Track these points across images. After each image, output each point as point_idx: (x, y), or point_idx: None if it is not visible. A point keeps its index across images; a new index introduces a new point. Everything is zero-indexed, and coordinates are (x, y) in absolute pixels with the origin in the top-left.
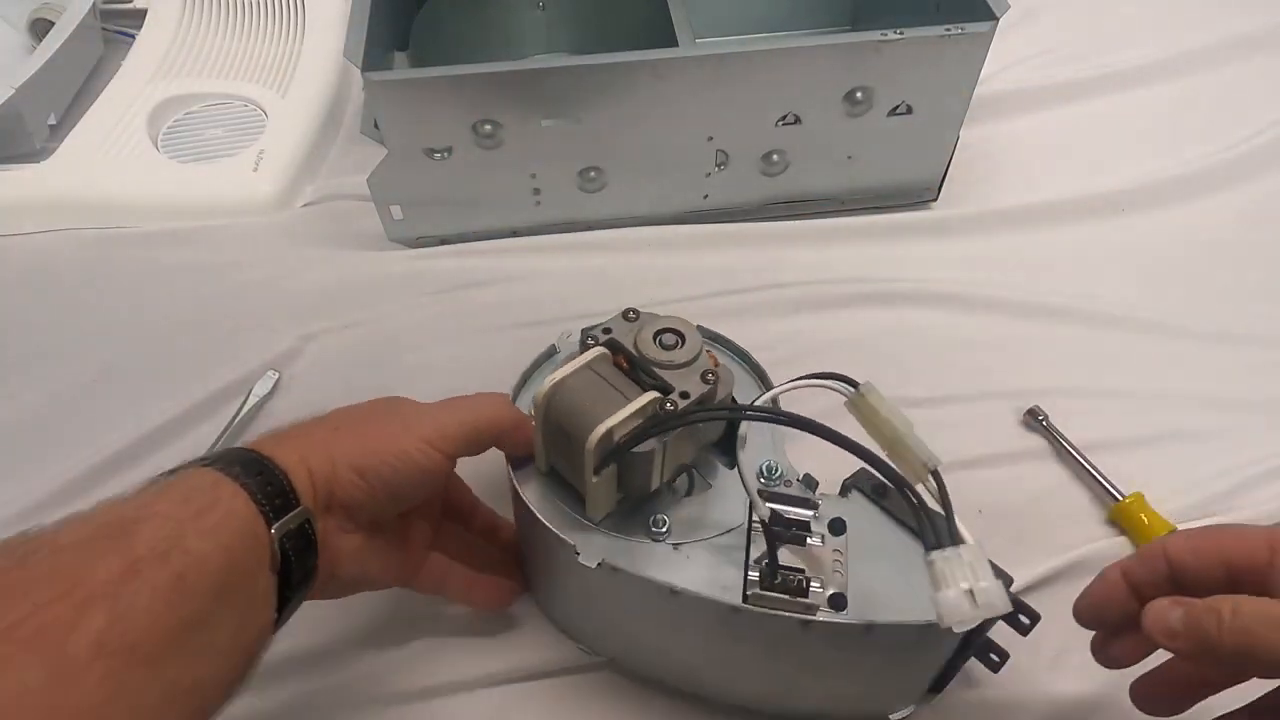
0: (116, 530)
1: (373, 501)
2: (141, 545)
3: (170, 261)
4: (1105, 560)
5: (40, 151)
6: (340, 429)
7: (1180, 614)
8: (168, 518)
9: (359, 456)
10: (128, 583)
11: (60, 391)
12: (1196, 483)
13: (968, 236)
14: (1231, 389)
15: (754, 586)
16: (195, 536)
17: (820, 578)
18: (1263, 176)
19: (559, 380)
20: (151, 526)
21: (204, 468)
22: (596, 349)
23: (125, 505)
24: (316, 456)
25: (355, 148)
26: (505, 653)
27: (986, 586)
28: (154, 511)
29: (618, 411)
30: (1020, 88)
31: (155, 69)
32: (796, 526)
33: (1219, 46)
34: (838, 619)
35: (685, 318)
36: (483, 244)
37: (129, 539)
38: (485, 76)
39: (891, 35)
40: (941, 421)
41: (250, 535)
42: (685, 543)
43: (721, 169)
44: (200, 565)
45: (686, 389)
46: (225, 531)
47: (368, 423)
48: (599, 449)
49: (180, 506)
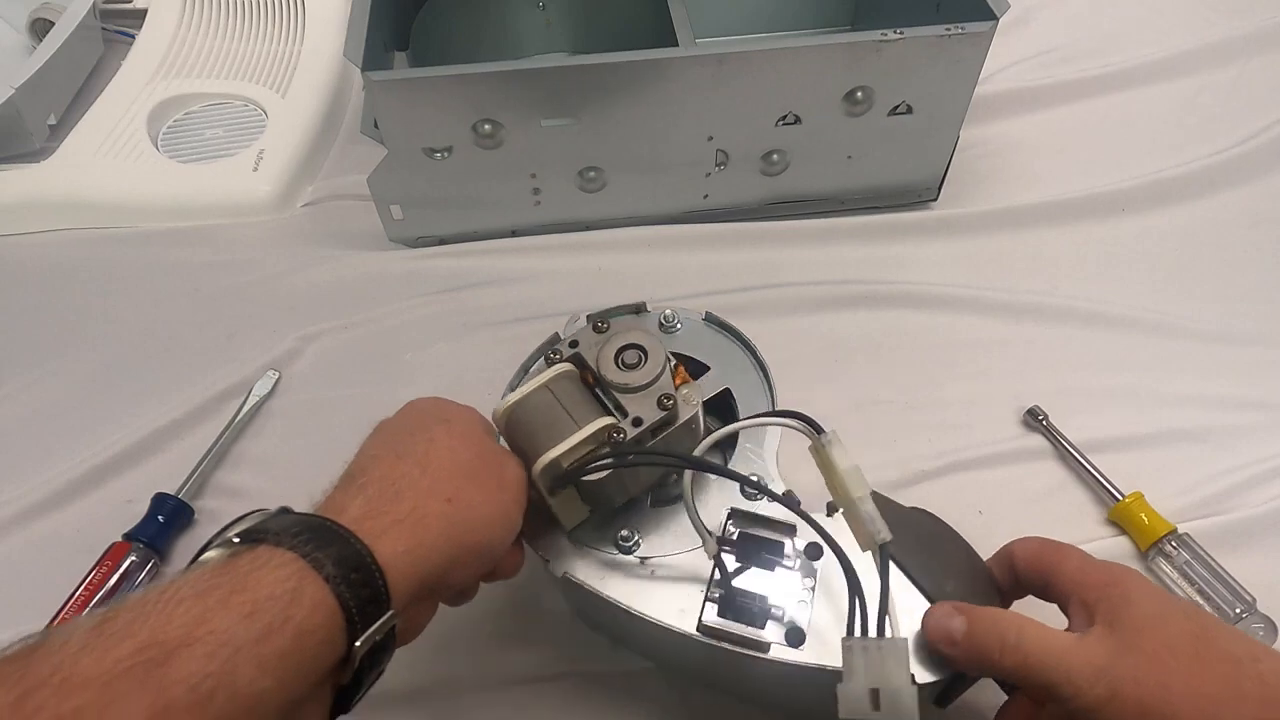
0: (152, 659)
1: (473, 577)
2: (178, 684)
3: (170, 261)
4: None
5: (40, 151)
6: (454, 500)
7: (961, 623)
8: (222, 644)
9: (477, 534)
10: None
11: (60, 391)
12: (1196, 483)
13: (967, 236)
14: (1231, 389)
15: (711, 613)
16: (253, 669)
17: (782, 607)
18: (1263, 176)
19: (514, 401)
20: (197, 656)
21: (285, 554)
22: (561, 365)
23: (175, 613)
24: (426, 547)
25: (355, 148)
26: (526, 651)
27: (895, 691)
28: (207, 632)
29: (566, 439)
30: (1020, 88)
31: (155, 69)
32: (767, 550)
33: (1219, 46)
34: (790, 657)
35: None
36: (483, 244)
37: (164, 673)
38: (485, 76)
39: (891, 35)
40: (941, 421)
41: (323, 656)
42: (652, 558)
43: (721, 169)
44: (249, 710)
45: (640, 415)
46: (293, 661)
47: (478, 484)
48: (545, 474)
49: (242, 624)
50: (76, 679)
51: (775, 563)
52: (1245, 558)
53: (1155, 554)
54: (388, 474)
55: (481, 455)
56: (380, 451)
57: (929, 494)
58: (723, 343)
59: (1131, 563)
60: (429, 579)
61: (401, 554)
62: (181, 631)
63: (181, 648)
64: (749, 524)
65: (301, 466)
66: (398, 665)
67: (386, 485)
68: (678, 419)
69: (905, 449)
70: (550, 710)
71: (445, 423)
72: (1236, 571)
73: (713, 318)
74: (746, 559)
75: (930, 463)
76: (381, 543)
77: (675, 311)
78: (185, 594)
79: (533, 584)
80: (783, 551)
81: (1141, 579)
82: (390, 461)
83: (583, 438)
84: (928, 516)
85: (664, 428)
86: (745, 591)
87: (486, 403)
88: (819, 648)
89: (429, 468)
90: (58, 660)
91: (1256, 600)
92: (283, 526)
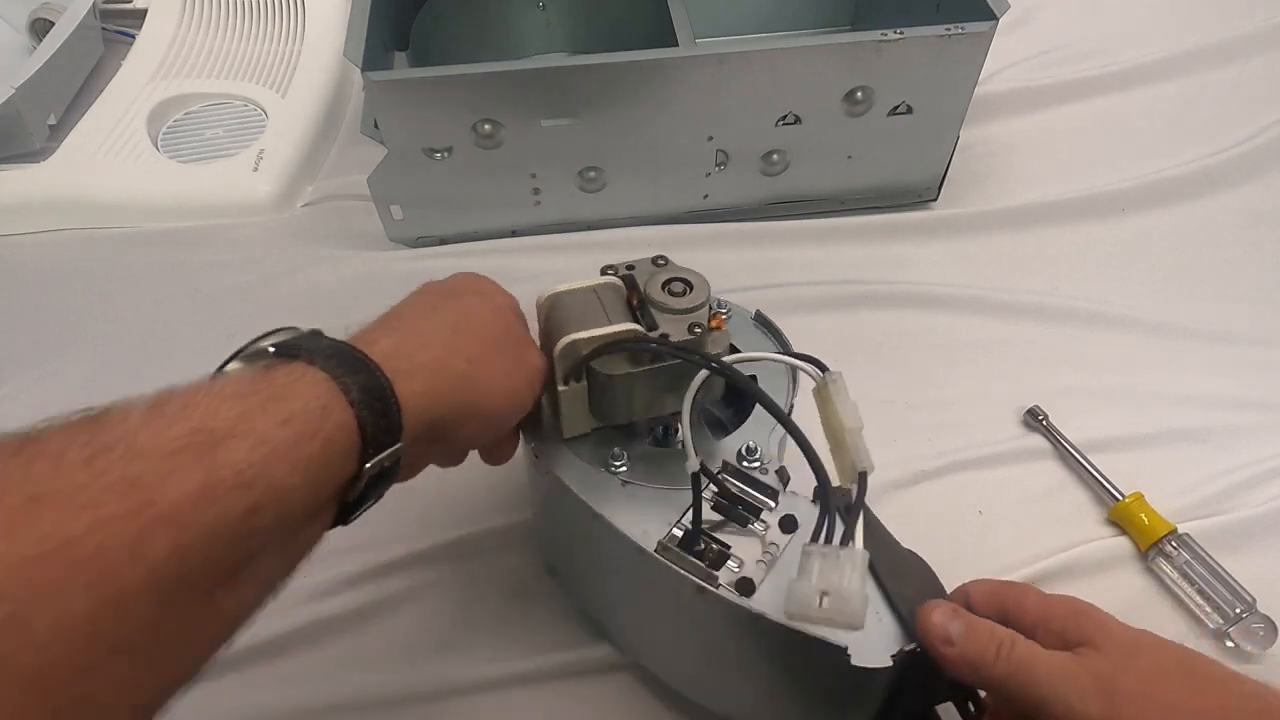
0: (204, 444)
1: (475, 441)
2: (226, 467)
3: (170, 261)
4: (1105, 560)
5: (40, 151)
6: (474, 363)
7: (960, 626)
8: (262, 440)
9: (488, 400)
10: (201, 509)
11: (60, 391)
12: (1196, 483)
13: (967, 236)
14: (1232, 389)
15: (673, 541)
16: (285, 468)
17: (742, 561)
18: (1263, 176)
19: (561, 290)
20: (242, 447)
21: (317, 373)
22: (610, 278)
23: (221, 408)
24: (442, 397)
25: (355, 148)
26: (527, 652)
27: (847, 593)
28: (249, 429)
29: (594, 329)
30: (1020, 88)
31: (155, 69)
32: (744, 507)
33: (1219, 46)
34: (726, 595)
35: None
36: (483, 244)
37: (214, 456)
38: (485, 76)
39: (891, 35)
40: (941, 421)
41: (339, 469)
42: (634, 483)
43: (721, 169)
44: (280, 502)
45: (669, 332)
46: (319, 466)
47: (499, 356)
48: (564, 355)
49: (279, 428)
50: (138, 448)
51: (749, 521)
52: (1245, 558)
53: (1155, 554)
54: (419, 324)
55: (508, 333)
56: (417, 304)
57: (929, 494)
58: (763, 342)
59: (1132, 563)
60: (435, 426)
61: (418, 395)
62: (228, 425)
63: (228, 438)
64: (737, 479)
65: None
66: (392, 666)
67: (416, 333)
68: (702, 347)
69: (905, 449)
70: (536, 713)
71: (482, 296)
72: (1236, 571)
73: (761, 317)
74: (723, 512)
75: (930, 463)
76: (401, 381)
77: (729, 303)
78: (229, 393)
79: (533, 581)
80: (759, 515)
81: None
82: (424, 314)
83: (609, 332)
84: (921, 563)
85: (683, 353)
86: (711, 537)
87: None
88: (770, 604)
89: (458, 329)
90: (120, 431)
91: (1256, 600)
92: (317, 348)
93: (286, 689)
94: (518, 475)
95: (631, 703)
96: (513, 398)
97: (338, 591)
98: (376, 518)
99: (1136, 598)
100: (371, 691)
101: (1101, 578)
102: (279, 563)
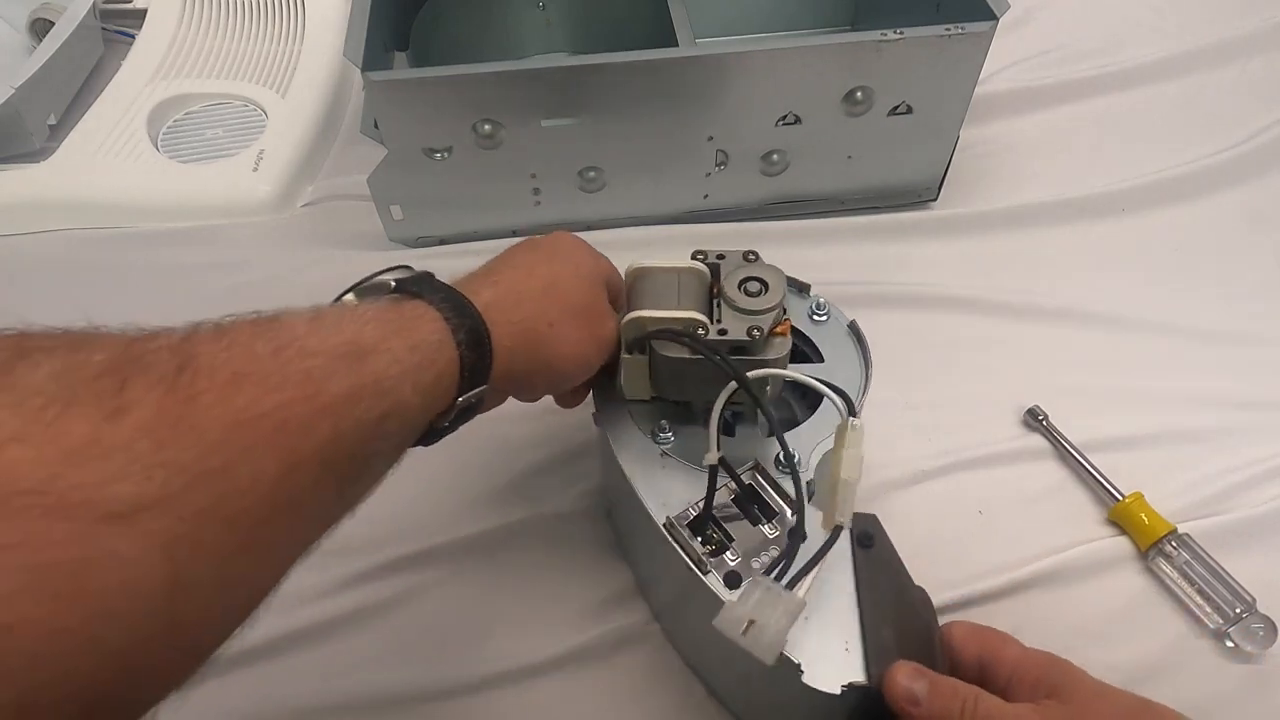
0: (354, 353)
1: (548, 390)
2: (369, 375)
3: (170, 261)
4: (1105, 560)
5: (40, 151)
6: (555, 326)
7: (924, 686)
8: (397, 360)
9: (560, 361)
10: (352, 406)
11: None
12: (1196, 483)
13: (968, 236)
14: (1232, 389)
15: (682, 521)
16: (410, 386)
17: (740, 557)
18: (1263, 176)
19: (647, 267)
20: (383, 361)
21: (435, 312)
22: (696, 263)
23: (365, 328)
24: (524, 352)
25: (355, 148)
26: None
27: (768, 631)
28: (388, 347)
29: (661, 309)
30: (1020, 88)
31: (155, 69)
32: (760, 508)
33: (1219, 46)
34: (712, 583)
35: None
36: (483, 244)
37: (362, 364)
38: (485, 76)
39: (891, 35)
40: (941, 421)
41: (443, 397)
42: (673, 457)
43: (721, 169)
44: (403, 413)
45: (727, 328)
46: (431, 391)
47: (578, 324)
48: (629, 328)
49: (409, 353)
50: (309, 349)
51: (761, 522)
52: (1245, 558)
53: (1155, 554)
54: (516, 284)
55: (591, 304)
56: (518, 261)
57: (929, 494)
58: (850, 353)
59: (1132, 563)
60: (515, 374)
61: (505, 349)
62: (372, 342)
63: (372, 353)
64: (762, 480)
65: None
66: (388, 666)
67: (512, 291)
68: (754, 352)
69: (905, 449)
70: (537, 712)
71: (574, 264)
72: (1236, 571)
73: (856, 328)
74: (741, 507)
75: (930, 463)
76: (496, 331)
77: (829, 305)
78: (369, 317)
79: (534, 579)
80: (772, 519)
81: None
82: (522, 274)
83: (672, 315)
84: (925, 600)
85: (740, 352)
86: (721, 527)
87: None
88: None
89: (547, 293)
90: (291, 334)
91: (1256, 600)
92: (434, 290)
93: (287, 689)
94: (515, 475)
95: (633, 698)
96: (581, 361)
97: (338, 591)
98: (377, 517)
99: (1136, 598)
100: (372, 691)
101: (1101, 578)
102: (383, 468)
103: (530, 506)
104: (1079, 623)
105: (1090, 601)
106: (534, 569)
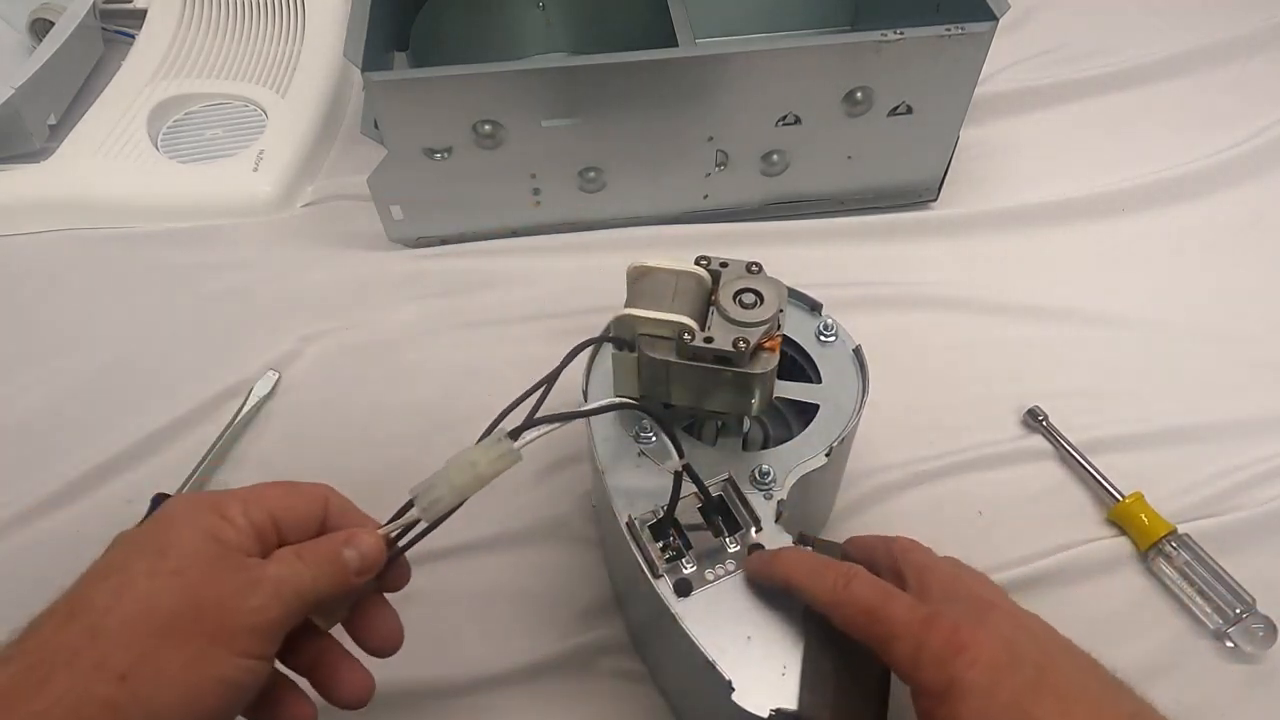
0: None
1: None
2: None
3: (170, 262)
4: (1105, 560)
5: (40, 151)
6: (130, 677)
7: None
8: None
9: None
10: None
11: (60, 392)
12: (1196, 483)
13: (968, 236)
14: (1231, 389)
15: (644, 523)
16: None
17: (694, 566)
18: (1263, 176)
19: (649, 265)
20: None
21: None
22: (698, 269)
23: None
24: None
25: (355, 148)
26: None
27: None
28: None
29: (652, 310)
30: (1020, 88)
31: (155, 69)
32: (724, 520)
33: (1219, 47)
34: (661, 587)
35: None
36: (483, 244)
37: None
38: (485, 76)
39: (891, 35)
40: (941, 421)
41: None
42: (649, 459)
43: (721, 169)
44: None
45: (713, 336)
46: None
47: (179, 644)
48: (620, 325)
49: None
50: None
51: (722, 534)
52: (1245, 558)
53: (1155, 554)
54: (46, 642)
55: (198, 598)
56: (59, 604)
57: (929, 495)
58: (850, 379)
59: (1132, 563)
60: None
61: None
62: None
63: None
64: (732, 494)
65: (301, 467)
66: (392, 666)
67: (37, 660)
68: (739, 364)
69: (905, 449)
70: (537, 712)
71: (158, 555)
72: (1236, 571)
73: (860, 354)
74: (705, 517)
75: (930, 463)
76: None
77: (839, 328)
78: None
79: (530, 582)
80: (734, 533)
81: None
82: (57, 623)
83: (661, 317)
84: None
85: (723, 362)
86: (683, 534)
87: (488, 404)
88: (694, 614)
89: (103, 631)
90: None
91: (1256, 600)
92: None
93: None
94: (514, 482)
95: (628, 704)
96: (210, 692)
97: None
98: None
99: (1136, 598)
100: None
101: (1101, 578)
102: None
103: (515, 516)
104: (1079, 623)
105: (1090, 602)
106: (519, 575)
